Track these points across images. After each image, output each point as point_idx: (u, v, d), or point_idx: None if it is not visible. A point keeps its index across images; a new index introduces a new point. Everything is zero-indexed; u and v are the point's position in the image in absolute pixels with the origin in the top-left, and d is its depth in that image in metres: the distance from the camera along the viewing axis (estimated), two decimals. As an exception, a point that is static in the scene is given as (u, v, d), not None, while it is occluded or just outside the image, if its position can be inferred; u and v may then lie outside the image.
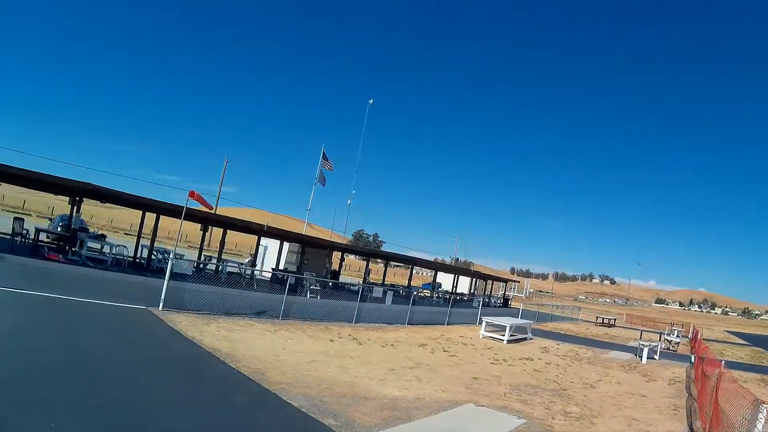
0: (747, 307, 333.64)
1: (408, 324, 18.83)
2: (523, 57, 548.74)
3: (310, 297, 22.08)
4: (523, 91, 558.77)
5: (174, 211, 19.31)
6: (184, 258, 16.06)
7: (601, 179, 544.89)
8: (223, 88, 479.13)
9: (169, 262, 12.77)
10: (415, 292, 26.67)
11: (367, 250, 68.38)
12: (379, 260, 63.32)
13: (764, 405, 4.51)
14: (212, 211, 21.24)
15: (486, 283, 57.70)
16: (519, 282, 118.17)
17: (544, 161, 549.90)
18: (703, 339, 27.57)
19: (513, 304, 53.28)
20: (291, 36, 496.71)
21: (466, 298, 46.52)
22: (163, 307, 11.77)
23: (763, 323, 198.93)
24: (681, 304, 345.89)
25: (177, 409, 5.70)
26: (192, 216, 21.36)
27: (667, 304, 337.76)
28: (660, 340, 23.19)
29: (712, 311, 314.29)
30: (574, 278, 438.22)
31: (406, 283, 42.81)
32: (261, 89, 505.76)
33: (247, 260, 31.87)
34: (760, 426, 4.41)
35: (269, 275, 27.77)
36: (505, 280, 62.59)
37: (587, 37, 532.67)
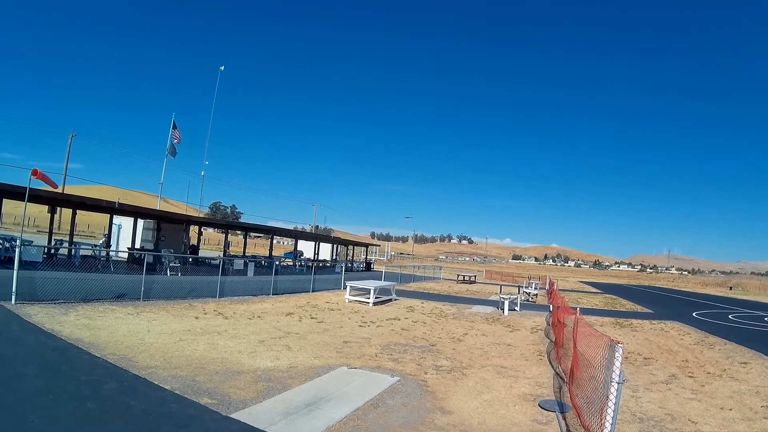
0: (597, 260, 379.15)
1: (273, 294, 19.14)
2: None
3: (171, 275, 22.18)
4: (381, 56, 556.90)
5: (16, 193, 18.55)
6: (33, 244, 16.01)
7: (448, 145, 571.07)
8: (60, 54, 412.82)
9: (17, 249, 12.08)
10: (277, 262, 27.25)
11: (226, 222, 67.02)
12: (238, 232, 62.17)
13: (619, 345, 4.94)
14: (57, 191, 20.08)
15: (348, 249, 59.29)
16: (380, 246, 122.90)
17: (400, 127, 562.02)
18: (560, 290, 30.70)
19: (376, 267, 55.27)
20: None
21: (329, 265, 47.68)
22: (15, 300, 11.19)
23: (613, 273, 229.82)
24: (536, 259, 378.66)
25: (39, 410, 5.16)
26: (36, 197, 20.25)
27: (523, 260, 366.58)
28: (519, 293, 25.20)
29: (565, 264, 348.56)
30: (433, 239, 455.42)
31: (267, 253, 42.79)
32: (107, 56, 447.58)
33: (101, 241, 31.01)
34: (617, 363, 4.87)
35: (126, 255, 27.18)
36: (366, 245, 64.71)
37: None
